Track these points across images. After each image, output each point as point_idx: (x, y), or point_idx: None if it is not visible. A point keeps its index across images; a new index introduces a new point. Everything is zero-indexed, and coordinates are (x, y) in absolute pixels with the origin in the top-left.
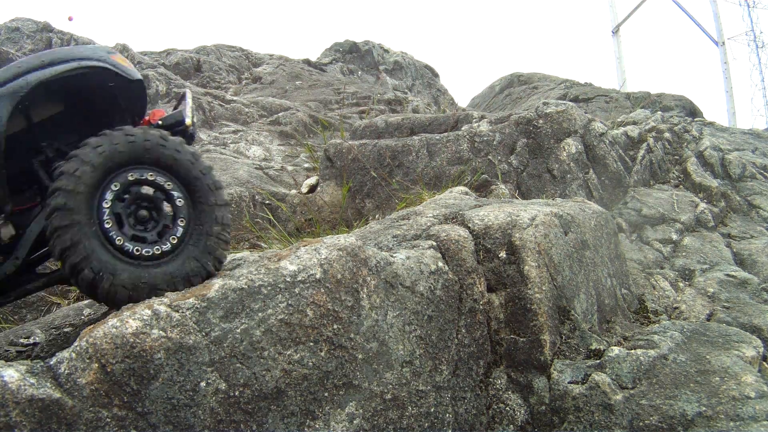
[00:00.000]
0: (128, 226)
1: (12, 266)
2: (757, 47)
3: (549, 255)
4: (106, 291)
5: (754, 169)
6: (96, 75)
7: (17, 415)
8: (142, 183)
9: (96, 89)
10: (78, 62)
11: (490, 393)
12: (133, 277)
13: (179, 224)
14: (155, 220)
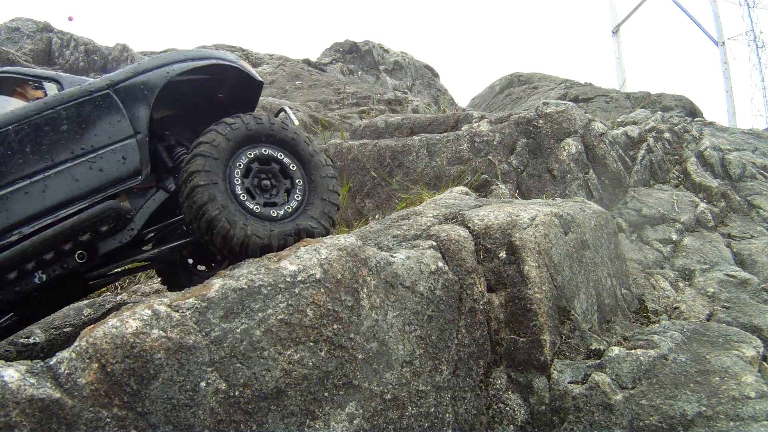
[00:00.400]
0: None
1: (128, 236)
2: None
3: (549, 255)
4: (240, 240)
5: (754, 169)
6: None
7: (17, 415)
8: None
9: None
10: (216, 60)
11: (490, 393)
12: (264, 228)
13: (298, 191)
14: (277, 187)
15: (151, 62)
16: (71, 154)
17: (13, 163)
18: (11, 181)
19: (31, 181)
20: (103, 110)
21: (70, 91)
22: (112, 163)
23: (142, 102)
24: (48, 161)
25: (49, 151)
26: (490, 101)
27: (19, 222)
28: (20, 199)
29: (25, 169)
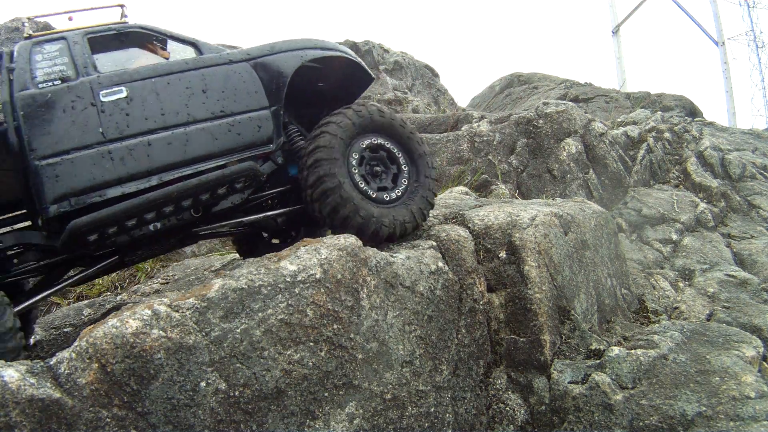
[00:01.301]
0: (368, 175)
1: (239, 199)
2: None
3: (549, 255)
4: (347, 214)
5: (754, 169)
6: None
7: (17, 415)
8: (376, 147)
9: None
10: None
11: (490, 393)
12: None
13: (404, 178)
14: (385, 173)
15: (286, 45)
16: (211, 114)
17: (157, 113)
18: (154, 129)
19: (173, 133)
20: (241, 80)
21: (210, 56)
22: (249, 129)
23: (278, 78)
24: (189, 117)
25: (189, 108)
26: (490, 101)
27: (161, 168)
28: (163, 147)
29: (168, 121)
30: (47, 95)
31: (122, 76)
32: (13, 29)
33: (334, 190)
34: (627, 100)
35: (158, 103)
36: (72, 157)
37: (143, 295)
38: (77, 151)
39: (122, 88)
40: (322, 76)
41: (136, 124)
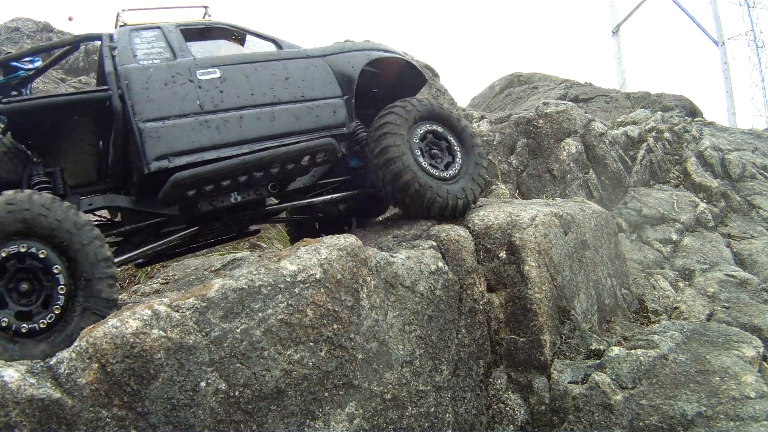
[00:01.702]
0: (427, 155)
1: (309, 180)
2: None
3: (549, 255)
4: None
5: (754, 169)
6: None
7: (17, 415)
8: (434, 133)
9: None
10: (400, 56)
11: (490, 393)
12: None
13: (457, 162)
14: (441, 157)
15: (354, 45)
16: (293, 98)
17: (247, 93)
18: (245, 106)
19: (261, 110)
20: (318, 72)
21: (290, 51)
22: (326, 112)
23: (349, 72)
24: (275, 98)
25: (274, 91)
26: (490, 101)
27: (251, 139)
28: (253, 121)
29: (257, 100)
30: (149, 69)
31: (215, 60)
32: (13, 29)
33: (397, 158)
34: (627, 100)
35: (248, 84)
36: (172, 123)
37: (143, 295)
38: (177, 118)
39: (216, 70)
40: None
41: (229, 100)
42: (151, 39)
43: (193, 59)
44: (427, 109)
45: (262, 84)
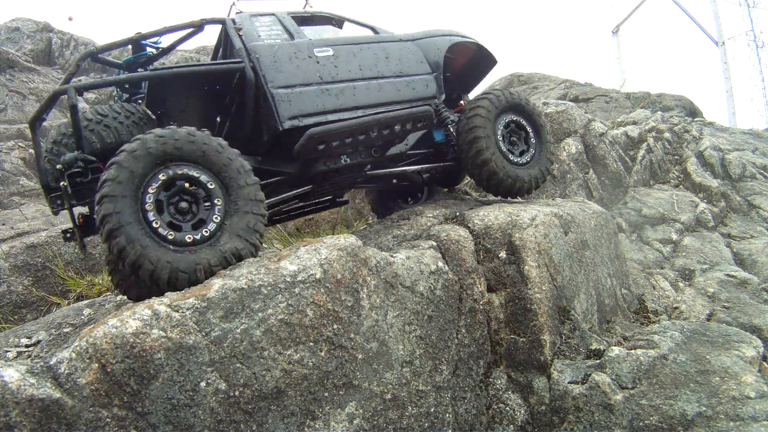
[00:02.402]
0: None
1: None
2: (757, 47)
3: (549, 255)
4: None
5: (754, 169)
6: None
7: (17, 415)
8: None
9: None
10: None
11: (490, 393)
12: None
13: (531, 150)
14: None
15: (439, 32)
16: (393, 73)
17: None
18: (356, 78)
19: (370, 82)
20: (411, 53)
21: (385, 35)
22: (420, 85)
23: (436, 53)
24: (378, 73)
25: (378, 67)
26: None
27: (364, 105)
28: (363, 90)
29: (365, 74)
30: (274, 46)
31: (327, 41)
32: (13, 29)
33: (482, 139)
34: (627, 100)
35: (356, 61)
36: (299, 90)
37: None
38: (302, 87)
39: (329, 49)
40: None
41: (342, 74)
42: (268, 23)
43: (309, 39)
44: (515, 101)
45: (367, 61)
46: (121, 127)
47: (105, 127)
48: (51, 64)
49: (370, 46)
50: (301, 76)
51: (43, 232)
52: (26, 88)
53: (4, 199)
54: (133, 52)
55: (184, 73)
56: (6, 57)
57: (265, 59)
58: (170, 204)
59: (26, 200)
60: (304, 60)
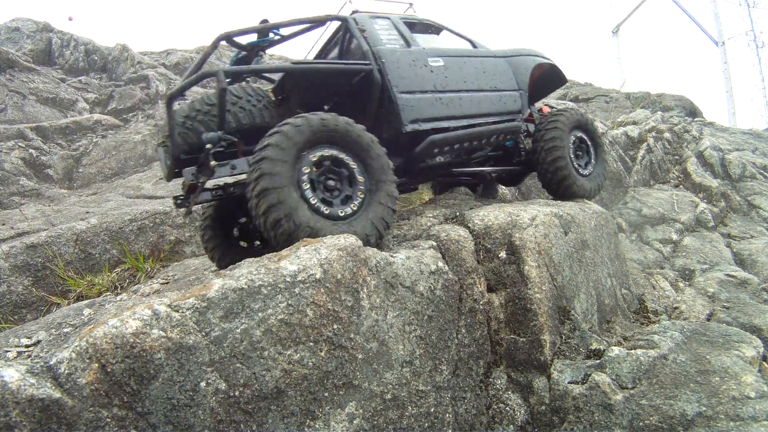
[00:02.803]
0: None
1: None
2: (757, 47)
3: (549, 255)
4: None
5: (754, 169)
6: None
7: (17, 415)
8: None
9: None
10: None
11: (490, 393)
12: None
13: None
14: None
15: (525, 51)
16: (489, 88)
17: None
18: (461, 90)
19: (472, 94)
20: (503, 70)
21: (483, 50)
22: (510, 101)
23: (522, 72)
24: (478, 87)
25: (478, 81)
26: None
27: (467, 116)
28: (467, 102)
29: (468, 86)
30: (396, 52)
31: (437, 51)
32: (13, 29)
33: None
34: (627, 100)
35: (461, 73)
36: (419, 97)
37: (143, 295)
38: (421, 94)
39: (440, 59)
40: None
41: (451, 84)
42: (385, 27)
43: (423, 48)
44: (583, 121)
45: (470, 74)
46: (254, 109)
47: (240, 108)
48: (51, 64)
49: (472, 60)
50: (419, 84)
51: (43, 232)
52: (26, 88)
53: (4, 199)
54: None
55: (321, 69)
56: (6, 57)
57: (389, 64)
58: (319, 181)
59: (26, 200)
60: (421, 68)
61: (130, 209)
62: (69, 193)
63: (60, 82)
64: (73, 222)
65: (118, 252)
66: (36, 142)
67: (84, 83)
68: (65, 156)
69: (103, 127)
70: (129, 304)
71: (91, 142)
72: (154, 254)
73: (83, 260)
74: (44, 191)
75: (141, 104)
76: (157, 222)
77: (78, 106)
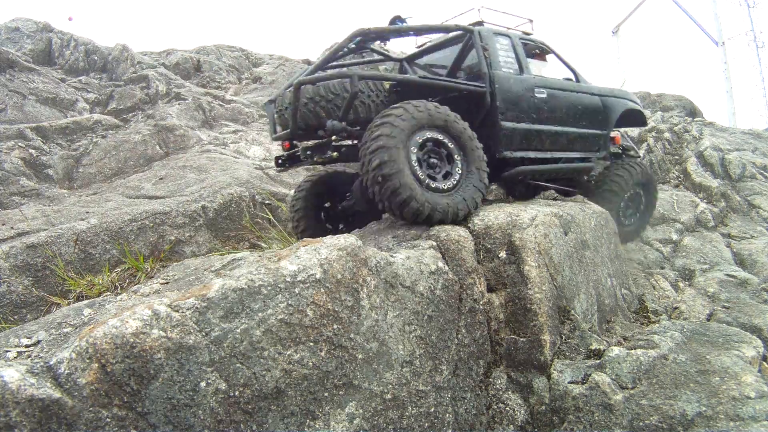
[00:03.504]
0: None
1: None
2: (757, 47)
3: (549, 255)
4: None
5: (754, 169)
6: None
7: (17, 415)
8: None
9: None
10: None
11: (490, 393)
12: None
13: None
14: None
15: (619, 93)
16: (581, 126)
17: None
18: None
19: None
20: (597, 109)
21: (583, 86)
22: (594, 142)
23: (612, 113)
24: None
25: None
26: None
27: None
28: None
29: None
30: (510, 80)
31: (544, 82)
32: (13, 29)
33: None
34: None
35: (560, 108)
36: (518, 126)
37: (143, 295)
38: (521, 123)
39: (544, 91)
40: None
41: (549, 118)
42: (505, 47)
43: (533, 77)
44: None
45: (568, 110)
46: (372, 105)
47: (361, 103)
48: (51, 64)
49: (572, 95)
50: (522, 114)
51: (43, 232)
52: (26, 88)
53: (4, 199)
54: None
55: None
56: (6, 57)
57: (502, 91)
58: (424, 159)
59: (26, 200)
60: (527, 98)
61: (130, 209)
62: (69, 193)
63: (60, 82)
64: (73, 222)
65: (118, 252)
66: (36, 142)
67: (84, 83)
68: (65, 156)
69: (103, 127)
70: (129, 304)
71: (91, 142)
72: (154, 254)
73: (83, 260)
74: (44, 191)
75: (141, 104)
76: (157, 222)
77: (78, 106)
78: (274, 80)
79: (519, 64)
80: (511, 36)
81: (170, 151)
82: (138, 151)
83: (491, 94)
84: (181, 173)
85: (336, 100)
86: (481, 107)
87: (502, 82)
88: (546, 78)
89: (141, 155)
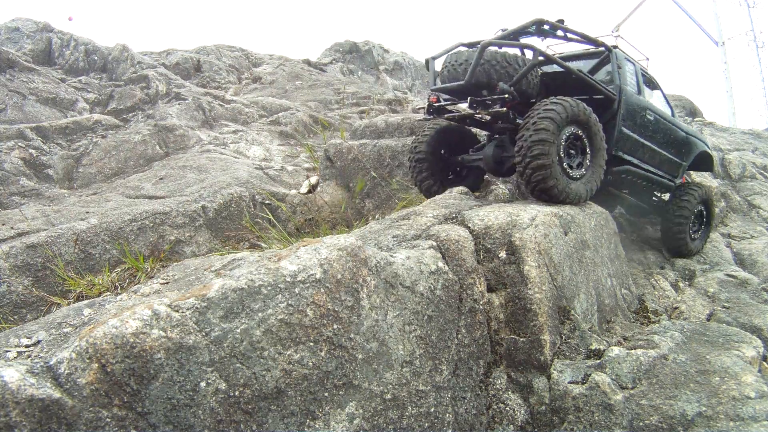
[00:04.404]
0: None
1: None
2: (757, 47)
3: (549, 255)
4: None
5: (754, 169)
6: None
7: (17, 415)
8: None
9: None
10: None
11: (490, 393)
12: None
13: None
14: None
15: (699, 134)
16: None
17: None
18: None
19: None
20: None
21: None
22: (676, 168)
23: (692, 151)
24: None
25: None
26: None
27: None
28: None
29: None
30: (633, 96)
31: (652, 107)
32: (13, 29)
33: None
34: None
35: (660, 132)
36: (631, 135)
37: (143, 295)
38: (632, 132)
39: (652, 114)
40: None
41: (651, 137)
42: (631, 71)
43: (647, 100)
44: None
45: (665, 136)
46: (532, 83)
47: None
48: (51, 64)
49: (670, 126)
50: (635, 126)
51: (43, 232)
52: (26, 88)
53: (4, 199)
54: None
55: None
56: (6, 57)
57: (625, 102)
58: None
59: (26, 200)
60: (640, 116)
61: (130, 209)
62: (69, 193)
63: (60, 82)
64: (73, 222)
65: (118, 252)
66: (36, 142)
67: (84, 83)
68: (65, 156)
69: (103, 127)
70: (129, 304)
71: (91, 142)
72: (154, 254)
73: (83, 260)
74: (44, 191)
75: (141, 104)
76: (157, 222)
77: (78, 106)
78: (274, 80)
79: (638, 87)
80: (635, 65)
81: (170, 151)
82: (138, 151)
83: (618, 102)
84: (181, 173)
85: (508, 68)
86: (608, 111)
87: (627, 96)
88: (654, 105)
89: (141, 155)
